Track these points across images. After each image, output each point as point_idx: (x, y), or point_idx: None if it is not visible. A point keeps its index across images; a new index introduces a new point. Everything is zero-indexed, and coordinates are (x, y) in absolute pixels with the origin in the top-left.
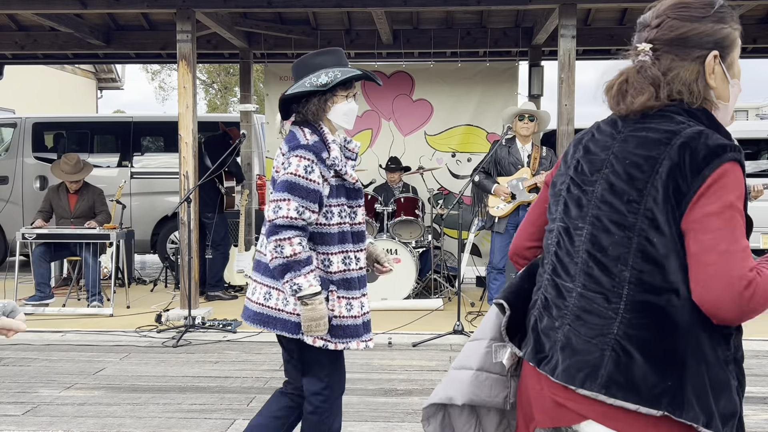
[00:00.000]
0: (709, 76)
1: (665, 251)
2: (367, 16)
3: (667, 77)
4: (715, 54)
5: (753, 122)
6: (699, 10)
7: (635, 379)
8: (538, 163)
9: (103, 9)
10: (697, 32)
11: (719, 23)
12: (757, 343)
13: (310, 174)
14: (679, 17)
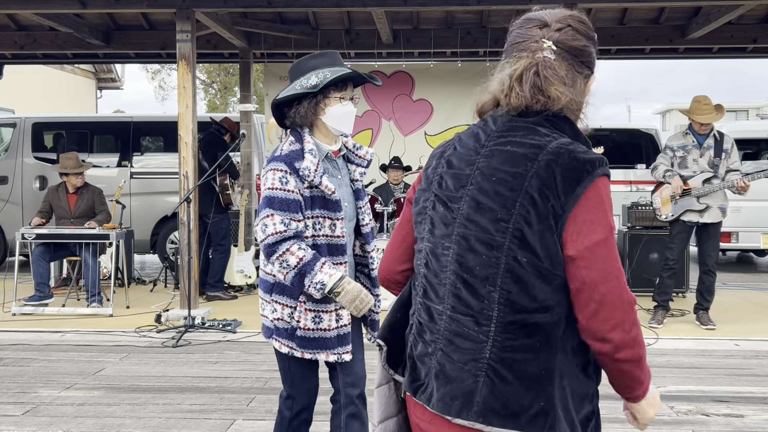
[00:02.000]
0: (586, 96)
1: (534, 271)
2: (367, 15)
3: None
4: (594, 77)
5: (753, 122)
6: (591, 31)
7: (511, 403)
8: None
9: (103, 9)
10: (589, 51)
11: (595, 48)
12: (757, 343)
13: (285, 185)
14: (579, 30)
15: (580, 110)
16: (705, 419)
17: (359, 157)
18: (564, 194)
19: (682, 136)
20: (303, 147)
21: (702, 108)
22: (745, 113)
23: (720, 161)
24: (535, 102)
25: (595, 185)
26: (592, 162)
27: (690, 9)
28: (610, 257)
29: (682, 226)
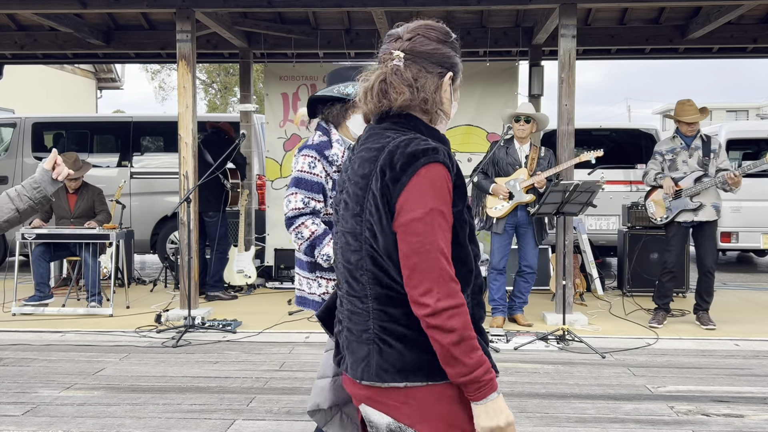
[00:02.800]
0: (444, 92)
1: (385, 253)
2: (367, 15)
3: (417, 83)
4: (451, 75)
5: (753, 122)
6: (442, 35)
7: (396, 362)
8: (536, 164)
9: (103, 9)
10: (440, 52)
11: (453, 51)
12: (757, 343)
13: (313, 169)
14: (428, 36)
15: (433, 105)
16: (705, 419)
17: None
18: (393, 185)
19: (670, 141)
20: (331, 138)
21: (686, 109)
22: (745, 113)
23: (709, 161)
24: (381, 106)
25: (419, 173)
26: (416, 153)
27: (690, 9)
28: (425, 232)
29: (678, 228)
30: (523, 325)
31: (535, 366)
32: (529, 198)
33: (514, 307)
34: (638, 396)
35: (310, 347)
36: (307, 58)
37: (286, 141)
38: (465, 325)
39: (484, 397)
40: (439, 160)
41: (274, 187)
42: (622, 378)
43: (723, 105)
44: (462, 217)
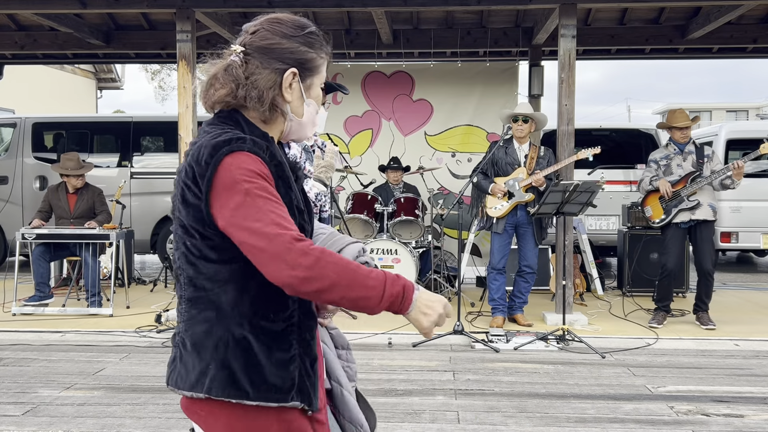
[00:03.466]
0: (286, 90)
1: (197, 251)
2: (367, 16)
3: (249, 80)
4: (294, 71)
5: (753, 122)
6: (290, 29)
7: (188, 368)
8: (535, 163)
9: (103, 9)
10: (282, 47)
11: (305, 47)
12: (757, 343)
13: None
14: (272, 30)
15: (264, 102)
16: (705, 419)
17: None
18: (201, 179)
19: (664, 149)
20: None
21: (677, 117)
22: (745, 113)
23: (703, 164)
24: (206, 100)
25: (222, 163)
26: (218, 144)
27: (690, 9)
28: (251, 215)
29: (675, 229)
30: (523, 325)
31: (535, 366)
32: (528, 197)
33: (514, 307)
34: (638, 396)
35: None
36: None
37: None
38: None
39: (410, 304)
40: (244, 149)
41: None
42: (622, 378)
43: (723, 105)
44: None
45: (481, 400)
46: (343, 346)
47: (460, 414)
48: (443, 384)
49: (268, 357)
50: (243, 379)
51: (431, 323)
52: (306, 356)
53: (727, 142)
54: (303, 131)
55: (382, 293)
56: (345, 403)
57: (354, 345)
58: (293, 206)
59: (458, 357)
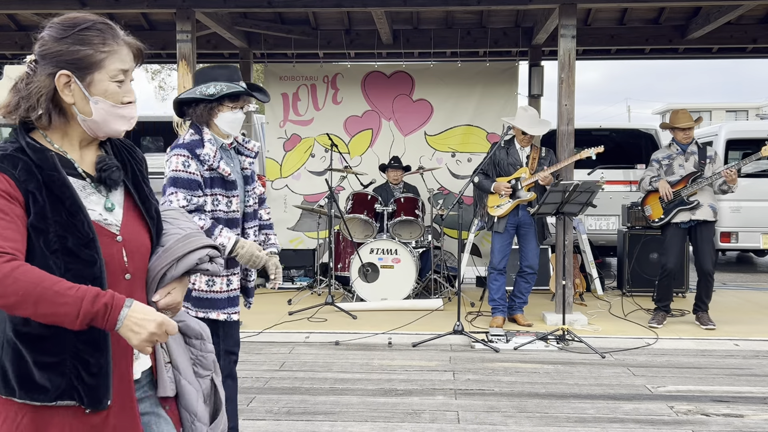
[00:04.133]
0: (63, 93)
1: None
2: (367, 16)
3: (26, 89)
4: (65, 73)
5: (753, 122)
6: (59, 31)
7: None
8: (537, 163)
9: (103, 9)
10: (52, 51)
11: (77, 45)
12: (757, 343)
13: (188, 168)
14: (47, 36)
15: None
16: (705, 419)
17: (248, 149)
18: None
19: (667, 149)
20: (203, 137)
21: (680, 117)
22: (745, 113)
23: (705, 165)
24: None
25: None
26: None
27: (690, 9)
28: None
29: (675, 229)
30: (523, 325)
31: (535, 366)
32: (530, 196)
33: (514, 307)
34: (638, 396)
35: (310, 347)
36: (307, 58)
37: (286, 141)
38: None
39: (116, 321)
40: None
41: (275, 187)
42: (622, 378)
43: (723, 105)
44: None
45: (481, 400)
46: (196, 336)
47: (460, 414)
48: (443, 384)
49: (33, 361)
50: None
51: (141, 341)
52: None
53: (726, 142)
54: (106, 127)
55: (78, 311)
56: (182, 392)
57: (354, 345)
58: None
59: (458, 357)
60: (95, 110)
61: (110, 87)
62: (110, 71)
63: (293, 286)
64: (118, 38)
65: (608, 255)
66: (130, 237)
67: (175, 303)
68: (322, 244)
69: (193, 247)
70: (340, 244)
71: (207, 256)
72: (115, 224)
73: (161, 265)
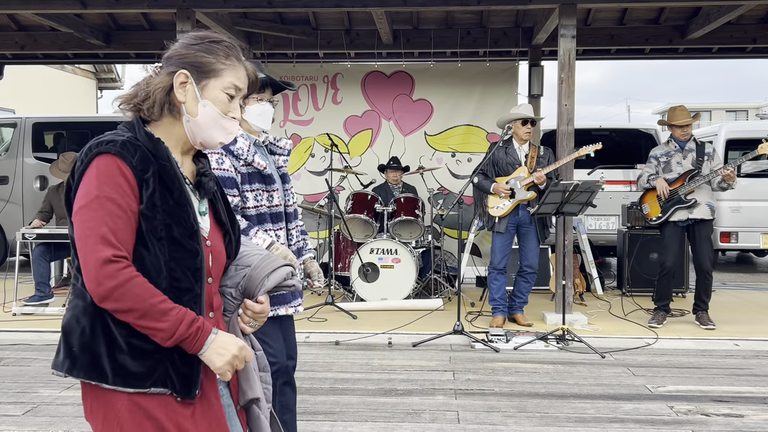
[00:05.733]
0: (178, 90)
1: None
2: (367, 16)
3: (148, 84)
4: (185, 72)
5: (753, 122)
6: (191, 40)
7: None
8: (536, 163)
9: (103, 9)
10: (179, 54)
11: (202, 52)
12: (757, 343)
13: (222, 164)
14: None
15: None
16: (705, 419)
17: (280, 148)
18: (76, 173)
19: (665, 145)
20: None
21: (678, 114)
22: (745, 113)
23: (703, 162)
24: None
25: (91, 164)
26: (92, 146)
27: (690, 9)
28: (89, 218)
29: (673, 228)
30: (523, 324)
31: (535, 366)
32: (530, 195)
33: (514, 307)
34: (638, 396)
35: (311, 347)
36: (307, 58)
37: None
38: (139, 298)
39: (203, 345)
40: (112, 152)
41: None
42: (622, 378)
43: (723, 105)
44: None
45: (481, 399)
46: (264, 369)
47: (460, 414)
48: (443, 384)
49: (129, 347)
50: (106, 364)
51: (224, 362)
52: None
53: (726, 142)
54: (205, 133)
55: (173, 333)
56: (259, 425)
57: (354, 345)
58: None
59: (458, 357)
60: (201, 113)
61: (220, 96)
62: (225, 82)
63: None
64: (241, 60)
65: (608, 255)
66: (214, 244)
67: (265, 312)
68: (323, 244)
69: (278, 264)
70: (340, 244)
71: (290, 272)
72: (204, 230)
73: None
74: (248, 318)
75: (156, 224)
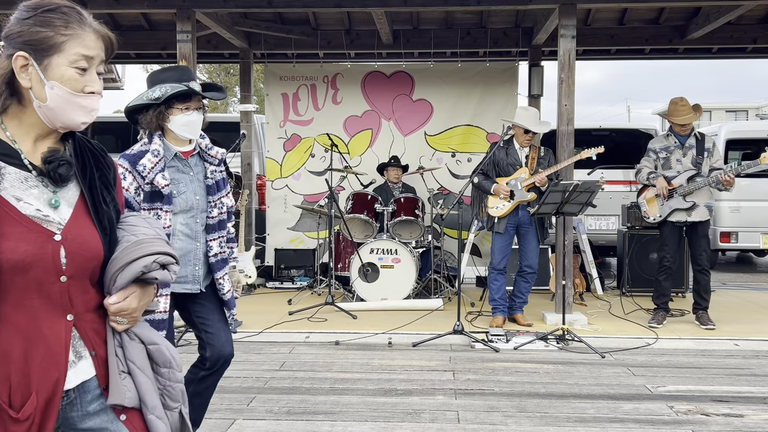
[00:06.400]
0: (20, 75)
1: None
2: (367, 16)
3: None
4: (23, 54)
5: (753, 122)
6: (23, 12)
7: None
8: (536, 163)
9: (103, 9)
10: (14, 32)
11: (38, 26)
12: (757, 343)
13: (123, 180)
14: (13, 17)
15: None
16: (705, 419)
17: (211, 156)
18: None
19: (664, 138)
20: (150, 147)
21: (679, 110)
22: (745, 113)
23: (703, 160)
24: None
25: None
26: None
27: (690, 9)
28: None
29: (672, 227)
30: (523, 324)
31: (535, 366)
32: (531, 196)
33: (514, 307)
34: (638, 396)
35: (311, 347)
36: (307, 58)
37: (287, 141)
38: None
39: None
40: None
41: (275, 187)
42: (622, 378)
43: (723, 105)
44: None
45: (481, 399)
46: (165, 365)
47: (460, 414)
48: (443, 384)
49: None
50: None
51: None
52: None
53: (726, 142)
54: (63, 117)
55: None
56: (151, 427)
57: (354, 345)
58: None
59: (458, 357)
60: (50, 96)
61: (68, 72)
62: (70, 56)
63: (293, 286)
64: (85, 23)
65: (608, 255)
66: (73, 238)
67: (128, 309)
68: (322, 244)
69: (140, 254)
70: (340, 244)
71: (155, 263)
72: (58, 222)
73: (109, 273)
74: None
75: None
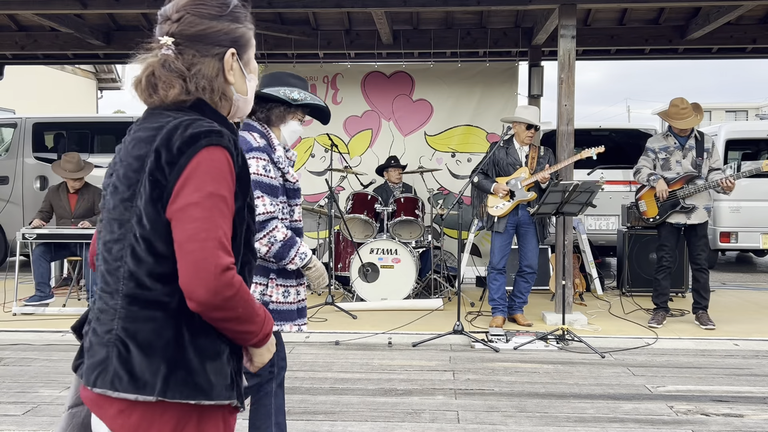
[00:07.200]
0: (228, 73)
1: (146, 245)
2: (367, 16)
3: (191, 71)
4: (233, 52)
5: (753, 122)
6: (215, 9)
7: (134, 370)
8: (536, 163)
9: (104, 9)
10: (215, 30)
11: (234, 23)
12: (757, 343)
13: (269, 172)
14: (198, 14)
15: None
16: (705, 419)
17: (289, 159)
18: (169, 168)
19: (663, 138)
20: (271, 142)
21: (681, 112)
22: (745, 113)
23: (702, 161)
24: (153, 101)
25: (198, 156)
26: (197, 135)
27: (689, 9)
28: (203, 218)
29: (670, 228)
30: (523, 324)
31: (535, 366)
32: (531, 195)
33: (513, 307)
34: (638, 396)
35: (311, 347)
36: (307, 58)
37: None
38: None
39: (267, 340)
40: (223, 144)
41: None
42: (622, 378)
43: (722, 105)
44: (240, 214)
45: (481, 399)
46: None
47: (460, 414)
48: (443, 384)
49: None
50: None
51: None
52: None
53: (726, 142)
54: (246, 108)
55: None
56: None
57: (354, 345)
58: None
59: (458, 357)
60: (250, 88)
61: (255, 64)
62: (254, 48)
63: None
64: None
65: (608, 255)
66: None
67: None
68: (323, 244)
69: None
70: (340, 244)
71: None
72: None
73: None
74: None
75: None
